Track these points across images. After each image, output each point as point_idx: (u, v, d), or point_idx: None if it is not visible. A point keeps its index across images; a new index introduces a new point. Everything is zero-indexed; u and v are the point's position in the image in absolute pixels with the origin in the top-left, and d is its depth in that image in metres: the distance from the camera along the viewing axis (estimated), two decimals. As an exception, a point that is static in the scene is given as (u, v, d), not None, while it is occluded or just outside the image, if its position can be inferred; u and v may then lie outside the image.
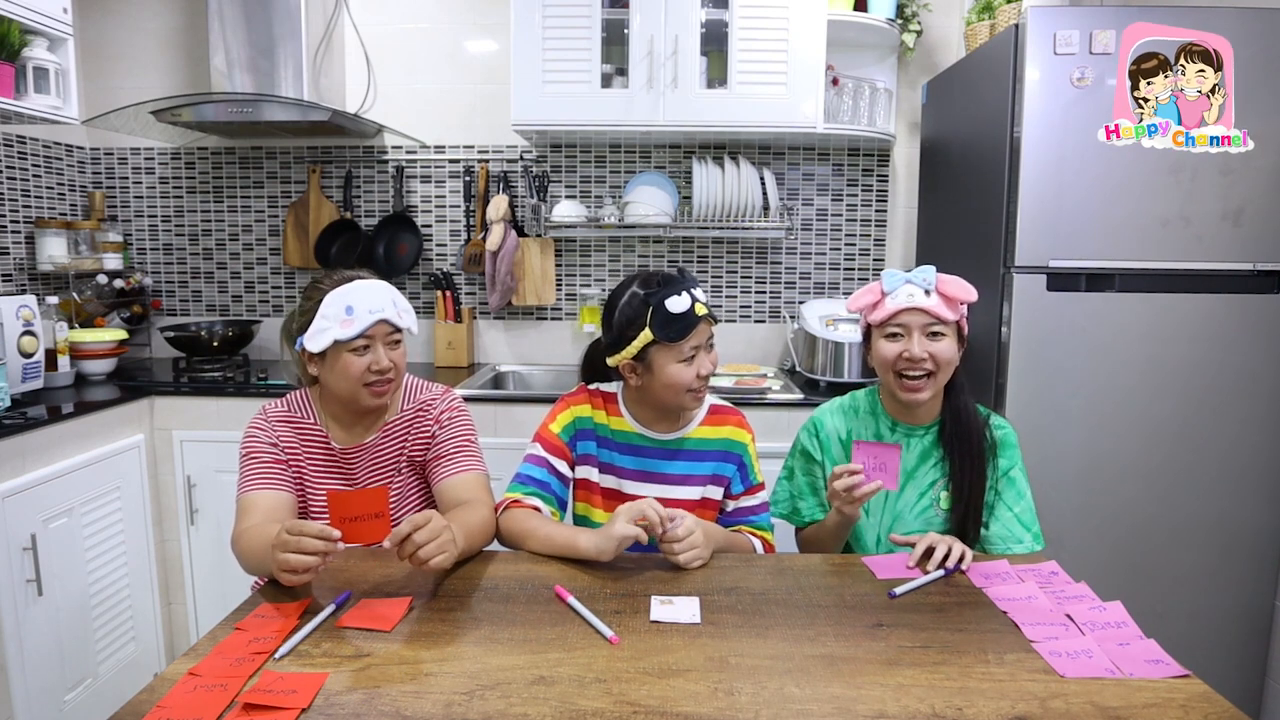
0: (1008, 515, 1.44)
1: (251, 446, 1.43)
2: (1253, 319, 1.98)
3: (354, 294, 1.38)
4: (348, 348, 1.37)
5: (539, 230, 2.79)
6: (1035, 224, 1.97)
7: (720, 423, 1.52)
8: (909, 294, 1.39)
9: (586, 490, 1.51)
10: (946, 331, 1.40)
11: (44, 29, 2.15)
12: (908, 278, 1.41)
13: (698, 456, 1.49)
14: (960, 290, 1.39)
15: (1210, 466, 2.01)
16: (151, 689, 0.93)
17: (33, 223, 2.58)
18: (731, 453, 1.51)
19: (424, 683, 0.95)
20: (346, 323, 1.36)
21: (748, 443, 1.52)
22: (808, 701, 0.91)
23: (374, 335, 1.38)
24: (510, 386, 2.81)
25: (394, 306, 1.41)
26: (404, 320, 1.42)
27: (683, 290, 1.36)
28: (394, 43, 2.79)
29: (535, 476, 1.44)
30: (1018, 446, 1.49)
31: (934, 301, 1.38)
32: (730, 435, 1.51)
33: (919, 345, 1.39)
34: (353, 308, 1.37)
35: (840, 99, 2.61)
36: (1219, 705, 0.91)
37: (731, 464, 1.51)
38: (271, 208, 2.90)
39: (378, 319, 1.37)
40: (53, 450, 1.97)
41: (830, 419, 1.55)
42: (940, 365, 1.39)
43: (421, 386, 1.54)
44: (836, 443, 1.53)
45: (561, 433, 1.49)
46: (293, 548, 1.09)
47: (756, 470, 1.53)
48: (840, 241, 2.85)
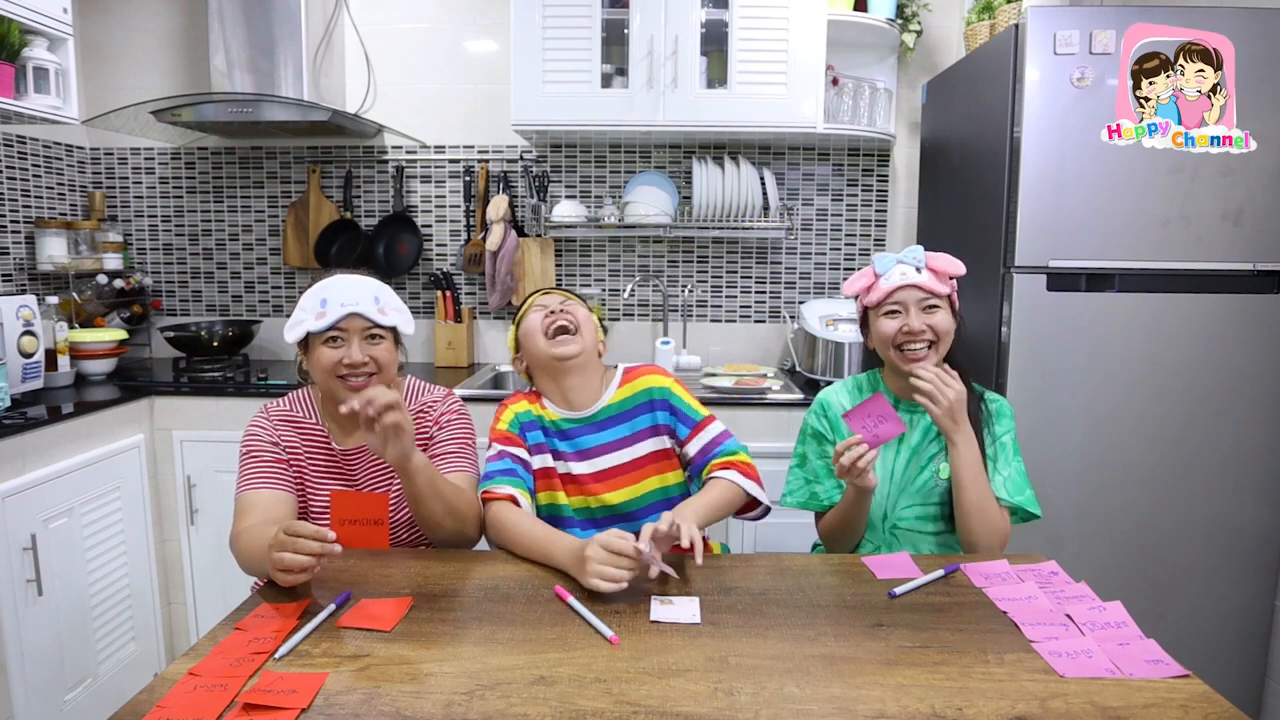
0: (997, 479, 1.47)
1: (252, 445, 1.43)
2: (1253, 319, 1.98)
3: (330, 288, 1.40)
4: (320, 340, 1.38)
5: (539, 230, 2.79)
6: (1035, 224, 1.97)
7: (632, 379, 1.55)
8: (901, 273, 1.46)
9: (547, 478, 1.53)
10: (940, 304, 1.46)
11: (44, 29, 2.15)
12: (899, 258, 1.47)
13: (621, 418, 1.52)
14: (949, 265, 1.46)
15: (1210, 466, 2.01)
16: (151, 689, 0.93)
17: (33, 223, 2.58)
18: (655, 400, 1.53)
19: (424, 683, 0.95)
20: (320, 315, 1.37)
21: (668, 385, 1.54)
22: (808, 701, 0.91)
23: (346, 329, 1.38)
24: (510, 386, 2.81)
25: (374, 302, 1.40)
26: (387, 318, 1.41)
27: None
28: (394, 43, 2.80)
29: (500, 467, 1.46)
30: (1013, 417, 1.53)
31: (926, 278, 1.45)
32: (644, 385, 1.54)
33: (917, 319, 1.44)
34: (326, 300, 1.38)
35: (840, 99, 2.61)
36: (1219, 705, 0.91)
37: (661, 410, 1.53)
38: (271, 208, 2.90)
39: (348, 312, 1.37)
40: (53, 450, 1.97)
41: (836, 397, 1.59)
42: (940, 335, 1.45)
43: (424, 389, 1.54)
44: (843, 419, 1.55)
45: (509, 427, 1.52)
46: (289, 548, 1.09)
47: (694, 406, 1.54)
48: (840, 241, 2.85)
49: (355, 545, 1.10)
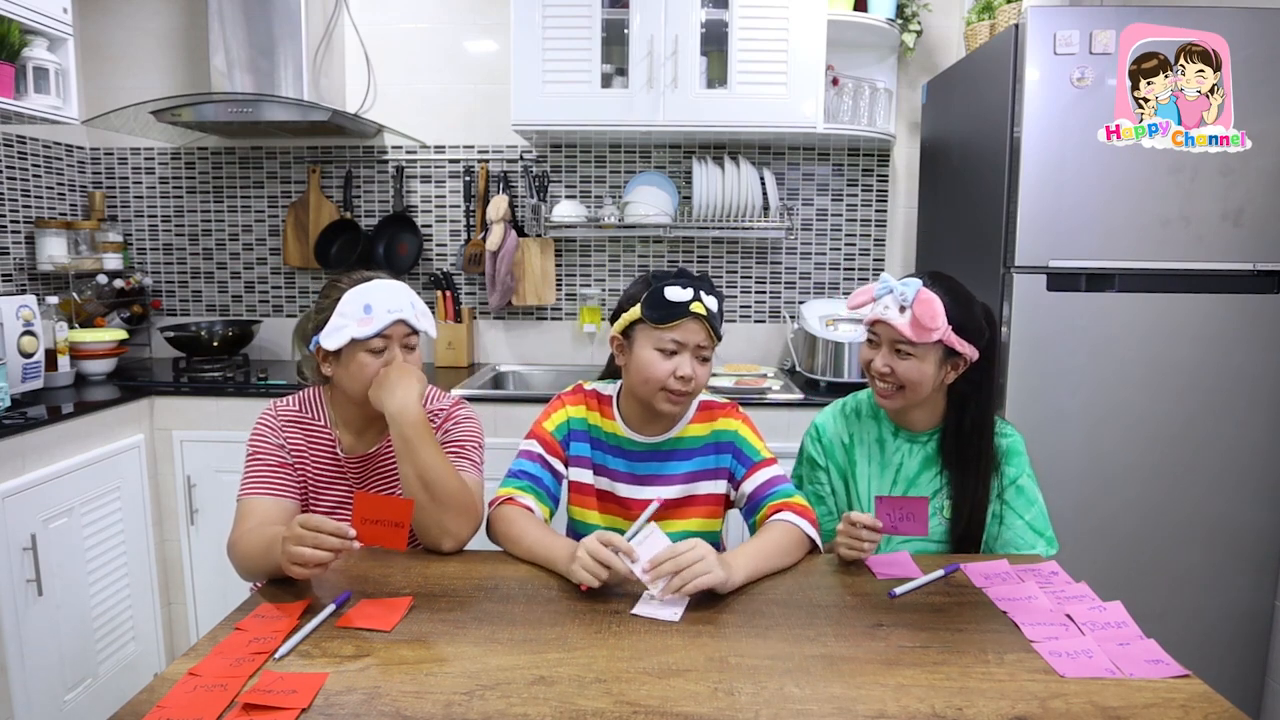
0: (1019, 524, 1.42)
1: (258, 445, 1.41)
2: (1253, 319, 1.98)
3: (373, 293, 1.37)
4: (364, 347, 1.36)
5: (539, 230, 2.79)
6: (1035, 224, 1.97)
7: (709, 418, 1.47)
8: (885, 305, 1.38)
9: (580, 494, 1.48)
10: (915, 352, 1.37)
11: (44, 29, 2.15)
12: (892, 286, 1.38)
13: (687, 454, 1.45)
14: (927, 314, 1.32)
15: (1210, 467, 2.01)
16: (151, 689, 0.93)
17: (33, 223, 2.58)
18: (722, 443, 1.45)
19: (424, 683, 0.95)
20: (364, 321, 1.35)
21: (738, 428, 1.46)
22: (808, 701, 0.91)
23: (391, 335, 1.38)
24: (510, 387, 2.81)
25: (412, 308, 1.40)
26: (422, 323, 1.41)
27: (690, 287, 1.35)
28: (394, 43, 2.80)
29: (529, 471, 1.42)
30: (1024, 454, 1.47)
31: (903, 319, 1.35)
32: (719, 426, 1.46)
33: (883, 359, 1.39)
34: (371, 306, 1.36)
35: (840, 99, 2.61)
36: (1219, 705, 0.91)
37: (726, 454, 1.45)
38: (271, 208, 2.90)
39: (396, 319, 1.36)
40: (53, 450, 1.97)
41: (832, 424, 1.54)
42: (906, 383, 1.38)
43: (435, 396, 1.52)
44: (840, 448, 1.52)
45: (555, 431, 1.47)
46: (309, 542, 1.09)
47: (759, 447, 1.44)
48: (840, 241, 2.85)
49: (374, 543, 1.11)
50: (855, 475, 1.50)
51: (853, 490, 1.50)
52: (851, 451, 1.50)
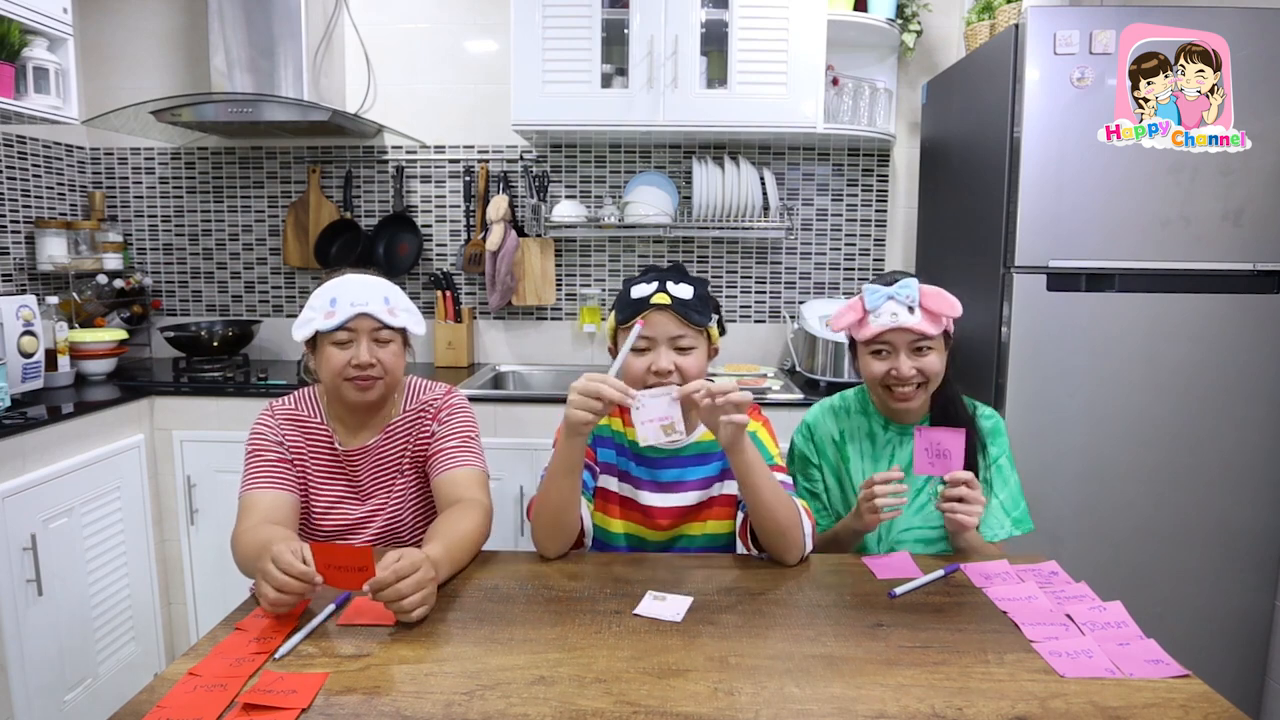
0: (994, 503, 1.44)
1: (257, 443, 1.43)
2: (1253, 319, 1.98)
3: (340, 287, 1.39)
4: (330, 340, 1.38)
5: (539, 230, 2.79)
6: (1035, 224, 1.97)
7: None
8: (892, 313, 1.36)
9: (604, 500, 1.46)
10: (933, 345, 1.38)
11: (44, 29, 2.15)
12: (890, 293, 1.37)
13: (708, 458, 1.45)
14: (944, 305, 1.35)
15: (1210, 467, 2.01)
16: (151, 689, 0.93)
17: (33, 223, 2.58)
18: None
19: (424, 683, 0.95)
20: (329, 314, 1.37)
21: (756, 430, 1.43)
22: (808, 701, 0.91)
23: (356, 329, 1.38)
24: (510, 386, 2.81)
25: (384, 303, 1.39)
26: (397, 319, 1.41)
27: (655, 281, 1.35)
28: (394, 43, 2.79)
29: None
30: (1005, 434, 1.50)
31: (917, 319, 1.35)
32: None
33: (905, 364, 1.37)
34: (336, 300, 1.37)
35: (840, 99, 2.61)
36: (1219, 705, 0.91)
37: None
38: (271, 208, 2.90)
39: (358, 312, 1.37)
40: (53, 450, 1.97)
41: (823, 421, 1.54)
42: (929, 377, 1.39)
43: (425, 387, 1.53)
44: (831, 445, 1.52)
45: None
46: (275, 584, 1.05)
47: (772, 451, 1.43)
48: (840, 241, 2.85)
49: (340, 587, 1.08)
50: (849, 470, 1.50)
51: (847, 485, 1.50)
52: (844, 447, 1.51)
